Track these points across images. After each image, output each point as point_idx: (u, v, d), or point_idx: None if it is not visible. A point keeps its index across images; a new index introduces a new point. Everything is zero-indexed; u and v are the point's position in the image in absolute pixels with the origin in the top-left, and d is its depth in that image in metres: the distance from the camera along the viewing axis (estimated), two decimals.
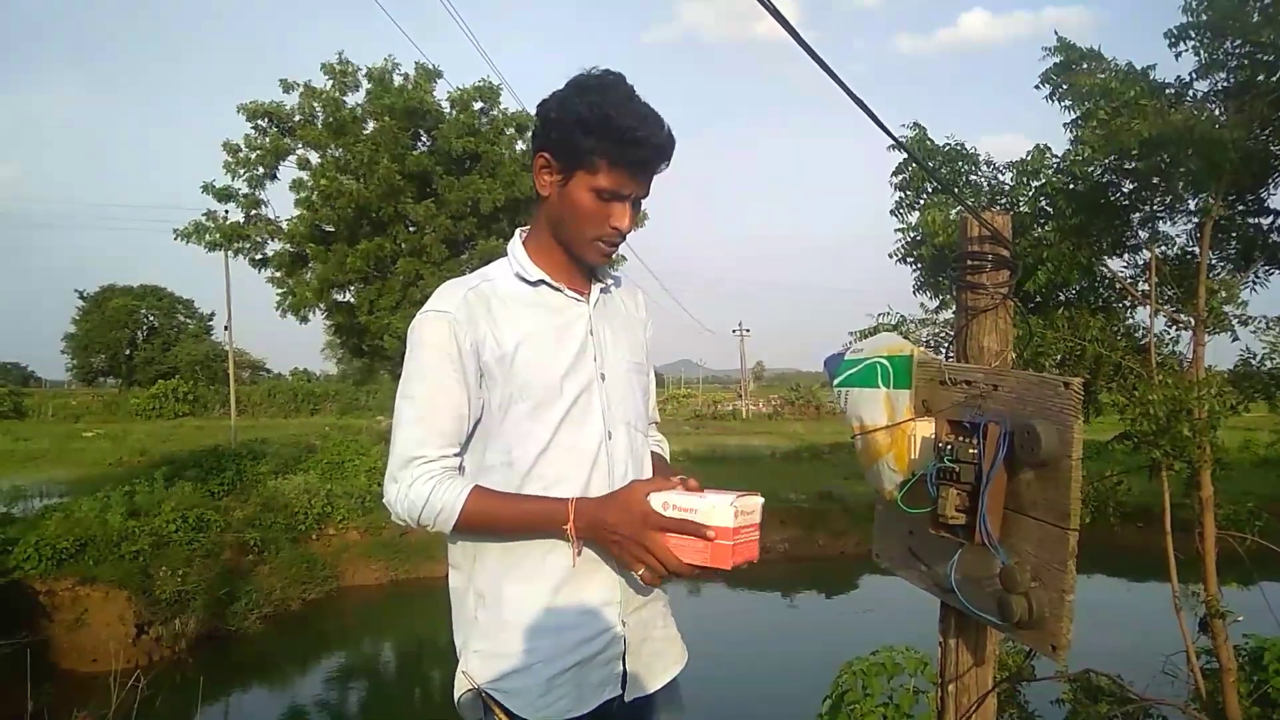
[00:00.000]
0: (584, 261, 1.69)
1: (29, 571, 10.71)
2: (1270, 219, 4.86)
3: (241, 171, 16.61)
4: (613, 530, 1.53)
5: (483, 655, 1.63)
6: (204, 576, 11.72)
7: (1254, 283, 4.82)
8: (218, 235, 16.82)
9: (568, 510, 1.55)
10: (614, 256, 1.76)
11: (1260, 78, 4.21)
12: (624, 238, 1.66)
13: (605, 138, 1.55)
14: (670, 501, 1.51)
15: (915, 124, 5.19)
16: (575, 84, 1.61)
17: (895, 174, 5.25)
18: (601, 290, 1.78)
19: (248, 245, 17.24)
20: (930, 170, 4.87)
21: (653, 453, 1.90)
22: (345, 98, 16.78)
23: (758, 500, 1.54)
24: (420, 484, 1.57)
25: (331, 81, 16.69)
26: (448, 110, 16.99)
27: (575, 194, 1.61)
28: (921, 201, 5.12)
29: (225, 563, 12.48)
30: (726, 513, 1.47)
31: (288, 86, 16.71)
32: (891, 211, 5.31)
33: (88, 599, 10.75)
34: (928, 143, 5.13)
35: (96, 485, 14.98)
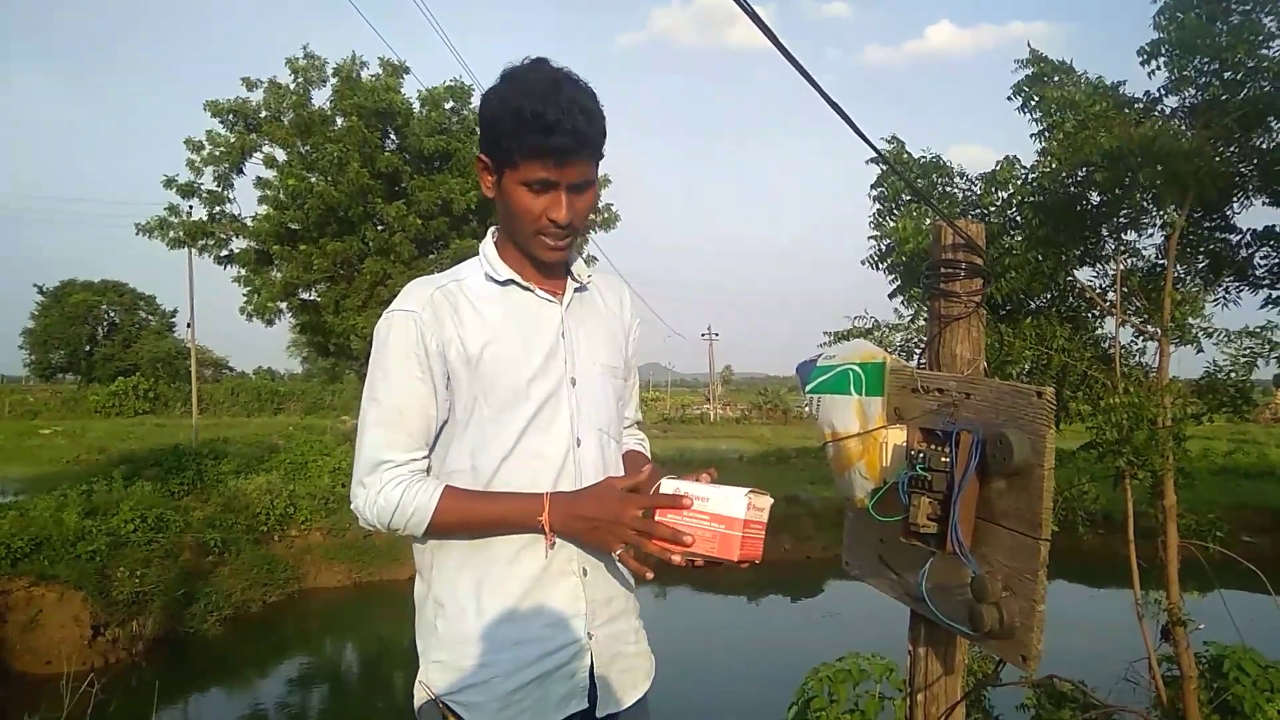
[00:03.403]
0: (537, 258, 1.63)
1: None
2: (1237, 236, 4.92)
3: (205, 169, 16.36)
4: (589, 520, 1.51)
5: (442, 666, 1.59)
6: (162, 578, 11.48)
7: (1223, 298, 4.87)
8: (180, 232, 16.57)
9: (542, 503, 1.52)
10: (576, 249, 1.70)
11: (1226, 96, 4.25)
12: (570, 228, 1.58)
13: (518, 130, 1.49)
14: (683, 489, 1.50)
15: (894, 137, 5.23)
16: (500, 77, 1.56)
17: (874, 186, 5.27)
18: (578, 289, 1.72)
19: (212, 243, 17.01)
20: (907, 179, 4.90)
21: (635, 450, 1.87)
22: (312, 93, 16.56)
23: (769, 500, 1.54)
24: (390, 489, 1.54)
25: (298, 78, 16.44)
26: (418, 109, 16.84)
27: (509, 191, 1.56)
28: (898, 213, 5.14)
29: (184, 564, 12.24)
30: (740, 503, 1.47)
31: (251, 85, 16.38)
32: (870, 223, 5.34)
33: (42, 600, 10.48)
34: (904, 155, 5.15)
35: (53, 483, 14.65)
